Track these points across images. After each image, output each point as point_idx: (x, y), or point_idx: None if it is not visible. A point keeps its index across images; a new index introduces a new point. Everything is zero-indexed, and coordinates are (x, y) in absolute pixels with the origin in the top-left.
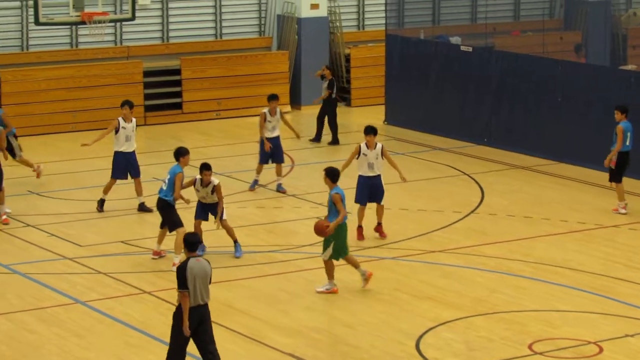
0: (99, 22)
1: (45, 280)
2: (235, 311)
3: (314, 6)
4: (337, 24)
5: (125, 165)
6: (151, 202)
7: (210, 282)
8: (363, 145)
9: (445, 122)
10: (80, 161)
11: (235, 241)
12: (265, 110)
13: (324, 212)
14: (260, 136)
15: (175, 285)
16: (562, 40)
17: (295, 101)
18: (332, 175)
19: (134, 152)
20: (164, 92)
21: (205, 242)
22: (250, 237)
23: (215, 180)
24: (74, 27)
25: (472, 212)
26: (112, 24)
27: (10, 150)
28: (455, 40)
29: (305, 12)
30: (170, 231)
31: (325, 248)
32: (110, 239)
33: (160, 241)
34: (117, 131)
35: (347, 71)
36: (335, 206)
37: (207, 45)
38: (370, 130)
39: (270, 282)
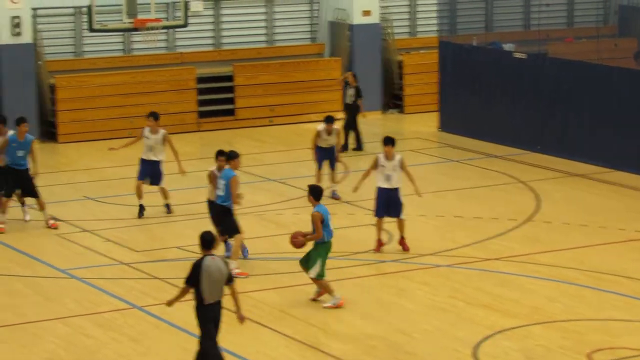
0: (152, 28)
1: (102, 285)
2: (290, 317)
3: (366, 13)
4: (389, 30)
5: (147, 172)
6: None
7: (232, 282)
8: (381, 156)
9: (499, 129)
10: (135, 167)
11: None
12: (321, 128)
13: None
14: (312, 147)
15: (228, 290)
16: (617, 46)
17: None
18: (314, 193)
19: (159, 162)
20: (217, 99)
21: (260, 248)
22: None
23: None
24: (127, 33)
25: (528, 220)
26: (165, 30)
27: None
28: (508, 47)
29: (357, 19)
30: (229, 237)
31: (311, 266)
32: (166, 245)
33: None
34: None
35: (400, 78)
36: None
37: (260, 51)
38: (389, 141)
39: None
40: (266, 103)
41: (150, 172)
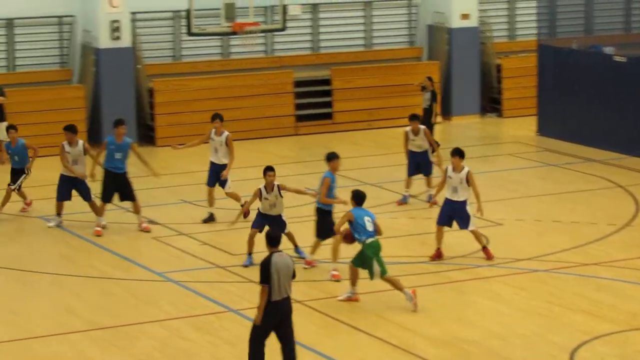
0: (250, 32)
1: (198, 288)
2: (386, 322)
3: (465, 16)
4: (488, 34)
5: (215, 175)
6: (307, 211)
7: (294, 277)
8: (449, 168)
9: (599, 133)
10: (231, 171)
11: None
12: (408, 129)
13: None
14: (405, 151)
15: (324, 294)
16: None
17: (446, 112)
18: (357, 198)
19: (224, 165)
20: (314, 102)
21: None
22: (401, 248)
23: (276, 182)
24: (225, 37)
25: (627, 224)
26: (263, 34)
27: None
28: (608, 50)
29: (456, 22)
30: (323, 240)
31: (370, 271)
32: (262, 248)
33: (313, 251)
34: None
35: (498, 81)
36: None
37: (358, 55)
38: (456, 153)
39: (422, 293)
40: (364, 107)
41: (218, 175)
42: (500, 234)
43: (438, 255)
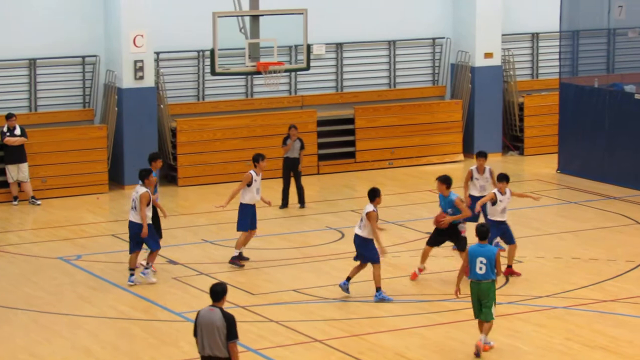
0: (274, 72)
1: None
2: (403, 359)
3: (488, 55)
4: (511, 72)
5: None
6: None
7: (232, 339)
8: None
9: (620, 170)
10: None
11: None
12: (473, 167)
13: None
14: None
15: (344, 333)
16: None
17: (469, 150)
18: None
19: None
20: (337, 141)
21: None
22: (421, 286)
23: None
24: (249, 77)
25: None
26: (287, 73)
27: None
28: (629, 88)
29: (479, 61)
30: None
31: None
32: (282, 287)
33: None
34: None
35: (521, 120)
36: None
37: (381, 94)
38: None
39: (441, 331)
40: (387, 145)
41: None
42: (520, 271)
43: None
